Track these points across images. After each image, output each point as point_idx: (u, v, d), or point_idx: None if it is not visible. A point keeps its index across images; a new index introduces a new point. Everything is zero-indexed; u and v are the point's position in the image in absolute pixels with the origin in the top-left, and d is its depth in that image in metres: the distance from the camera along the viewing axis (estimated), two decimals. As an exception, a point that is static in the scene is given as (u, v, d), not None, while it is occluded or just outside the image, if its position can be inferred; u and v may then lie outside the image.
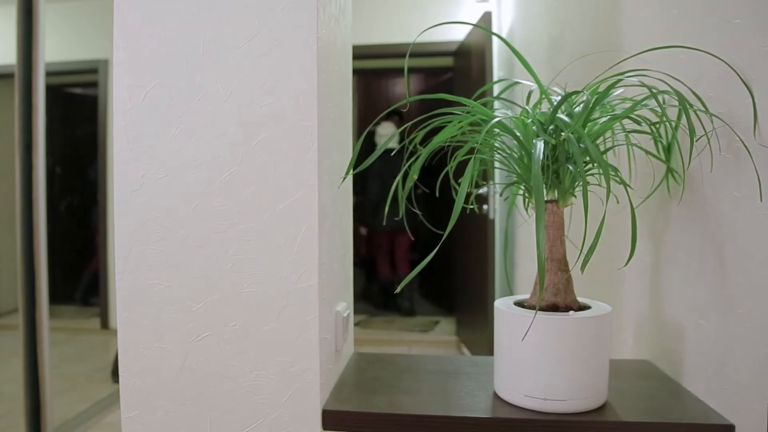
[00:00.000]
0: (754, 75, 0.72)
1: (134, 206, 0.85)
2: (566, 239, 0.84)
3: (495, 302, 0.86)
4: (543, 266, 0.62)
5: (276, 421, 0.83)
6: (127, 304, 0.86)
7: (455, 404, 0.83)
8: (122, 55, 0.84)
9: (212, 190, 0.83)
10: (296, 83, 0.81)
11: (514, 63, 3.04)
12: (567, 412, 0.77)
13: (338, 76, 0.97)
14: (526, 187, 0.84)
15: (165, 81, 0.83)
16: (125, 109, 0.84)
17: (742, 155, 0.75)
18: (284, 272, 0.82)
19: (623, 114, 0.79)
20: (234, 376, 0.84)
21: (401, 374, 0.97)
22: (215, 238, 0.83)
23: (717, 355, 0.81)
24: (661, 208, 0.99)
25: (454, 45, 3.76)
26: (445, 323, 4.39)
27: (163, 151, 0.84)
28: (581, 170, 0.69)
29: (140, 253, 0.85)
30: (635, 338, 1.12)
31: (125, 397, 0.86)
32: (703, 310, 0.85)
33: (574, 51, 1.67)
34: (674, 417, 0.77)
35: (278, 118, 0.82)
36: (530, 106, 0.86)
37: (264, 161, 0.82)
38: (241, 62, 0.82)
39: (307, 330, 0.83)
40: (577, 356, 0.76)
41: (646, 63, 0.95)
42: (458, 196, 0.71)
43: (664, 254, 0.98)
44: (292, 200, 0.82)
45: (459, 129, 0.83)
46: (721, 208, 0.80)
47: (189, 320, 0.84)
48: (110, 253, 3.65)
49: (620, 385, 0.89)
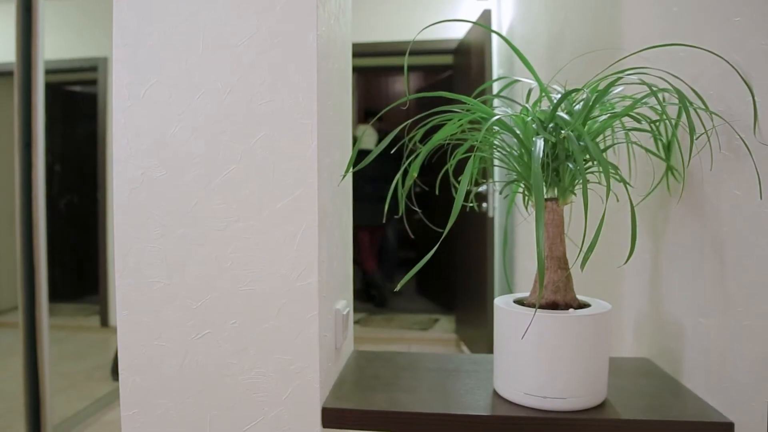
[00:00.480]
0: (754, 73, 0.72)
1: (134, 204, 0.85)
2: (566, 237, 0.84)
3: (495, 300, 0.86)
4: (543, 264, 0.62)
5: (276, 418, 0.83)
6: (126, 302, 0.85)
7: (455, 402, 0.83)
8: (121, 53, 0.84)
9: (212, 187, 0.83)
10: (296, 81, 0.81)
11: (514, 61, 3.04)
12: (567, 410, 0.77)
13: (338, 73, 0.97)
14: (526, 185, 0.84)
15: (164, 79, 0.83)
16: (125, 107, 0.84)
17: (741, 153, 0.75)
18: (284, 270, 0.82)
19: (623, 112, 0.79)
20: (234, 373, 0.84)
21: (401, 372, 0.97)
22: (215, 236, 0.83)
23: (716, 353, 0.81)
24: (661, 206, 0.99)
25: (453, 43, 3.76)
26: (444, 321, 4.39)
27: (162, 149, 0.84)
28: (581, 168, 0.69)
29: (140, 250, 0.85)
30: (635, 336, 1.12)
31: (125, 394, 0.86)
32: (703, 308, 0.85)
33: (573, 49, 1.67)
34: (673, 415, 0.77)
35: (278, 116, 0.82)
36: (530, 104, 0.86)
37: (264, 159, 0.82)
38: (241, 60, 0.82)
39: (307, 328, 0.83)
40: (576, 354, 0.76)
41: (646, 61, 0.95)
42: (458, 194, 0.71)
43: (663, 252, 0.98)
44: (292, 198, 0.82)
45: (459, 127, 0.83)
46: (720, 206, 0.80)
47: (189, 318, 0.84)
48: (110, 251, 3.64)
49: (620, 383, 0.89)
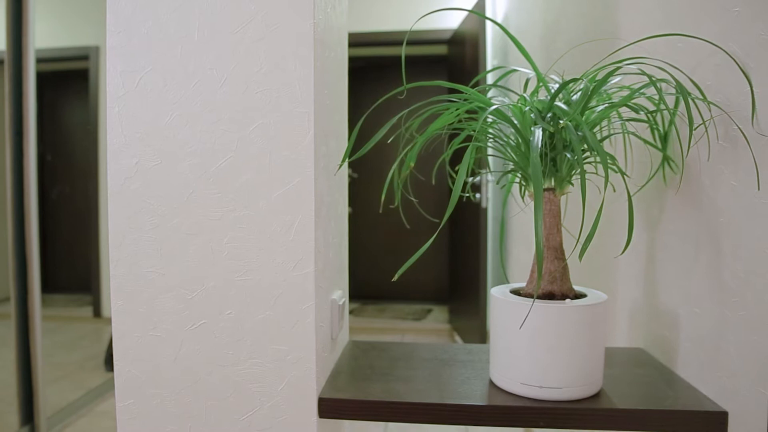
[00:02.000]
0: (753, 63, 0.72)
1: (128, 193, 0.84)
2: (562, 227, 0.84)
3: (491, 290, 0.86)
4: (542, 254, 0.62)
5: (272, 409, 0.83)
6: (121, 292, 0.85)
7: (451, 392, 0.83)
8: (115, 40, 0.83)
9: (207, 177, 0.82)
10: (292, 69, 0.80)
11: (508, 51, 3.03)
12: (563, 400, 0.78)
13: (334, 62, 0.96)
14: (524, 175, 0.84)
15: (159, 67, 0.82)
16: (118, 95, 0.83)
17: (739, 144, 0.75)
18: (280, 260, 0.82)
19: (621, 102, 0.78)
20: (229, 364, 0.84)
21: (396, 362, 0.97)
22: (210, 226, 0.83)
23: (711, 343, 0.81)
24: (656, 197, 0.99)
25: (448, 33, 3.75)
26: (437, 311, 4.41)
27: (157, 138, 0.83)
28: (579, 158, 0.68)
29: (134, 240, 0.84)
30: (629, 326, 1.12)
31: (120, 385, 0.86)
32: (698, 299, 0.85)
33: (569, 39, 1.67)
34: (668, 404, 0.78)
35: (274, 104, 0.81)
36: (528, 93, 0.85)
37: (259, 148, 0.81)
38: (237, 48, 0.81)
39: (303, 318, 0.82)
40: (573, 344, 0.77)
41: (644, 51, 0.95)
42: (456, 184, 0.71)
43: (659, 243, 0.98)
44: (288, 187, 0.81)
45: (456, 116, 0.83)
46: (717, 197, 0.80)
47: (184, 308, 0.84)
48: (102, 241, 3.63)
49: (614, 373, 0.90)
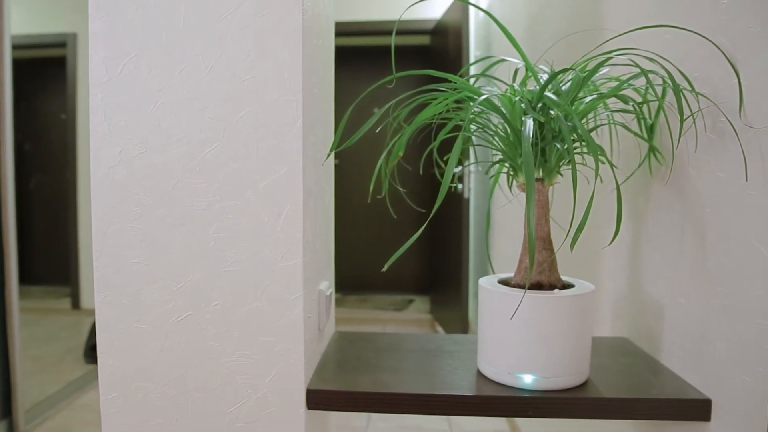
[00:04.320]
0: (740, 55, 0.72)
1: (112, 183, 0.82)
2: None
3: (480, 280, 0.86)
4: (534, 244, 0.62)
5: (260, 401, 0.82)
6: (104, 284, 0.83)
7: (439, 382, 0.83)
8: (98, 26, 0.81)
9: (193, 166, 0.81)
10: (281, 56, 0.79)
11: (491, 42, 3.03)
12: (551, 389, 0.78)
13: (322, 51, 0.95)
14: (512, 165, 0.84)
15: (143, 53, 0.80)
16: (101, 82, 0.81)
17: (726, 135, 0.75)
18: (267, 251, 0.81)
19: (611, 92, 0.79)
20: (216, 356, 0.83)
21: (382, 353, 0.97)
22: (196, 216, 0.81)
23: (695, 332, 0.82)
24: (643, 188, 1.00)
25: (431, 23, 3.74)
26: (419, 302, 4.42)
27: (141, 126, 0.81)
28: (570, 148, 0.68)
29: (118, 231, 0.83)
30: (613, 316, 1.14)
31: (104, 378, 0.84)
32: (683, 288, 0.86)
33: (554, 30, 1.67)
34: (654, 393, 0.79)
35: (262, 92, 0.79)
36: (517, 83, 0.85)
37: (247, 137, 0.80)
38: (224, 34, 0.79)
39: (291, 309, 0.82)
40: (561, 334, 0.77)
41: (631, 42, 0.95)
42: (445, 174, 0.70)
43: (644, 233, 0.99)
44: (276, 177, 0.80)
45: (444, 106, 0.82)
46: (703, 188, 0.81)
47: (169, 300, 0.83)
48: (81, 232, 3.57)
49: (600, 363, 0.91)
